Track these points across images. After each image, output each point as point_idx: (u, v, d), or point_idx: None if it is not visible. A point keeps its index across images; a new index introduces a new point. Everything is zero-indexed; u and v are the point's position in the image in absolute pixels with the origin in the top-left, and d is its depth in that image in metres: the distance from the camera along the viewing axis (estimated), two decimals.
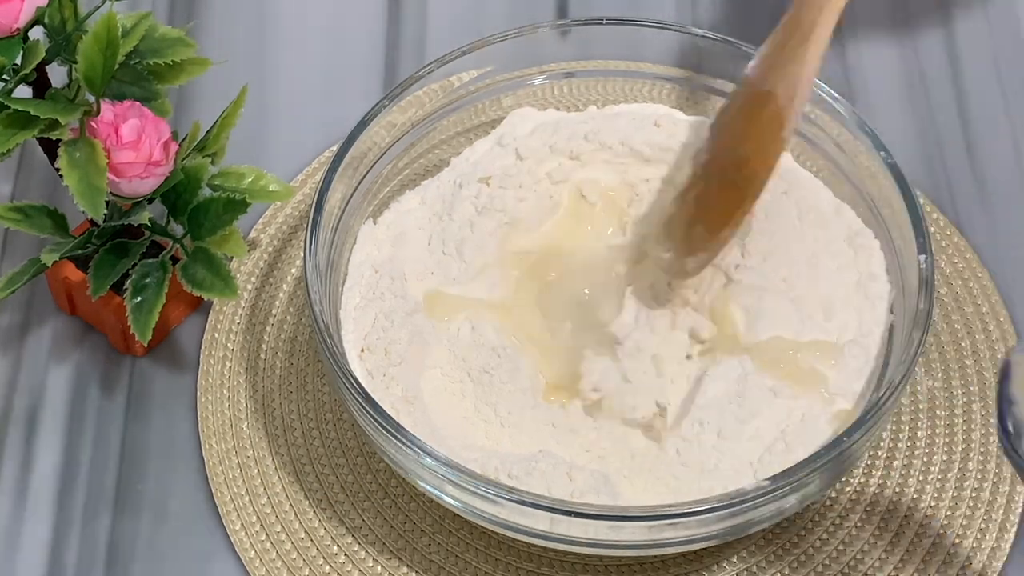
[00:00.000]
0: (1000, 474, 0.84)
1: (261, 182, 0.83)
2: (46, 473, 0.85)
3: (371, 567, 0.82)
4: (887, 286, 0.83)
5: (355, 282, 0.83)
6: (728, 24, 1.00)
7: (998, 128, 0.96)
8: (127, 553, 0.82)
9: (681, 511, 0.74)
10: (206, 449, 0.85)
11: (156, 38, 0.82)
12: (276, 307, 0.89)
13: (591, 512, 0.74)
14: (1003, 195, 0.94)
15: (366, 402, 0.76)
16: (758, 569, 0.82)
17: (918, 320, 0.77)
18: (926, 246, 0.79)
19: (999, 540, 0.83)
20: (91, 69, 0.77)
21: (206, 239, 0.81)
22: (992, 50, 0.99)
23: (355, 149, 0.83)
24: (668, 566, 0.82)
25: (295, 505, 0.83)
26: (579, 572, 0.82)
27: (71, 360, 0.88)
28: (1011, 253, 0.91)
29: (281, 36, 1.00)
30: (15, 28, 0.78)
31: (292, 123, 0.96)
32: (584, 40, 0.87)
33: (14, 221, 0.82)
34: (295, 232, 0.92)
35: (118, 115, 0.78)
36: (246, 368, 0.87)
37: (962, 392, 0.87)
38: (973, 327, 0.89)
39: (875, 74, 0.98)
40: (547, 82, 0.88)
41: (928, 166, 0.94)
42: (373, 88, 0.98)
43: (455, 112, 0.87)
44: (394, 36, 1.00)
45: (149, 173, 0.79)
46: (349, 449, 0.85)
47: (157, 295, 0.81)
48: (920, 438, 0.85)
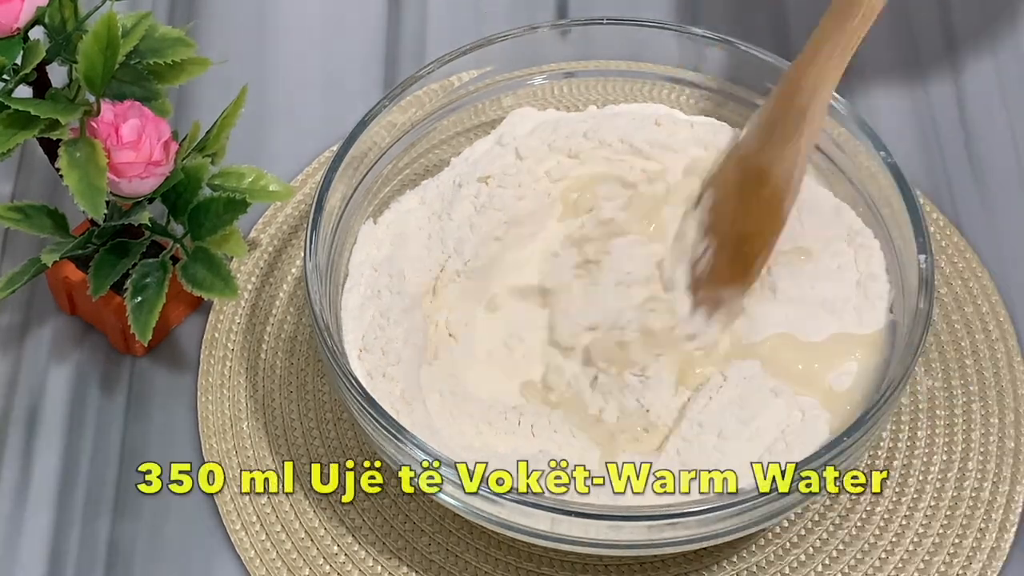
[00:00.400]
0: (1000, 474, 0.84)
1: (261, 182, 0.83)
2: (46, 473, 0.85)
3: (371, 567, 0.82)
4: (887, 286, 0.83)
5: (355, 282, 0.83)
6: (728, 24, 1.00)
7: (998, 128, 0.96)
8: (127, 553, 0.82)
9: (681, 511, 0.74)
10: (206, 449, 0.85)
11: (156, 38, 0.82)
12: (276, 307, 0.89)
13: (591, 512, 0.74)
14: (1003, 195, 0.94)
15: (366, 402, 0.76)
16: (758, 569, 0.82)
17: (918, 320, 0.77)
18: (926, 246, 0.79)
19: (999, 540, 0.83)
20: (91, 69, 0.77)
21: (206, 239, 0.81)
22: (992, 50, 0.99)
23: (355, 149, 0.83)
24: (668, 566, 0.82)
25: (295, 505, 0.83)
26: (579, 572, 0.82)
27: (71, 360, 0.88)
28: (1011, 253, 0.91)
29: (281, 36, 1.00)
30: (15, 28, 0.77)
31: (292, 123, 0.96)
32: (584, 40, 0.87)
33: (14, 221, 0.82)
34: (295, 232, 0.92)
35: (118, 115, 0.78)
36: (246, 368, 0.87)
37: (962, 392, 0.87)
38: (973, 327, 0.89)
39: (875, 74, 0.98)
40: (547, 82, 0.88)
41: (928, 166, 0.94)
42: (373, 88, 0.98)
43: (455, 112, 0.87)
44: (394, 36, 1.00)
45: (149, 173, 0.79)
46: (349, 449, 0.85)
47: (157, 295, 0.81)
48: (920, 438, 0.85)
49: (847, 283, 0.83)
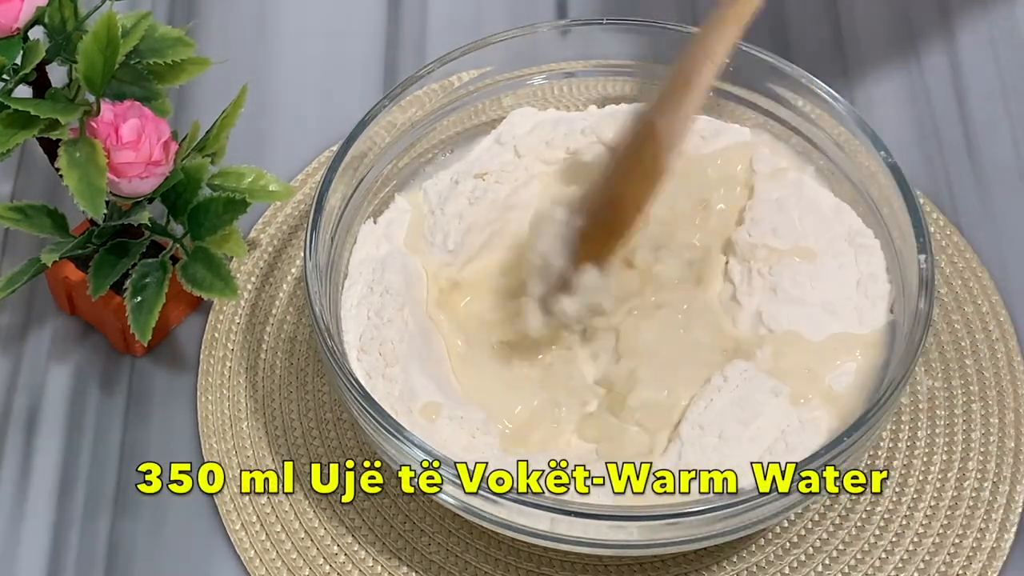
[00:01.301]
0: (1000, 474, 0.84)
1: (261, 182, 0.83)
2: (46, 473, 0.85)
3: (371, 567, 0.82)
4: (887, 286, 0.83)
5: (355, 281, 0.83)
6: None
7: (998, 128, 0.96)
8: (127, 553, 0.82)
9: (681, 511, 0.74)
10: (206, 449, 0.85)
11: (156, 38, 0.82)
12: (276, 307, 0.89)
13: (591, 512, 0.74)
14: (1003, 195, 0.94)
15: (365, 401, 0.76)
16: (758, 569, 0.82)
17: (918, 320, 0.77)
18: (926, 246, 0.79)
19: (999, 540, 0.83)
20: (91, 69, 0.77)
21: (206, 239, 0.81)
22: (992, 50, 0.99)
23: (355, 149, 0.83)
24: (668, 566, 0.82)
25: (295, 505, 0.83)
26: (579, 572, 0.82)
27: (71, 360, 0.88)
28: (1011, 253, 0.91)
29: (281, 36, 1.00)
30: (15, 28, 0.78)
31: (292, 123, 0.96)
32: (584, 40, 0.87)
33: (14, 221, 0.82)
34: (295, 232, 0.92)
35: (118, 115, 0.78)
36: (246, 368, 0.87)
37: (962, 392, 0.87)
38: (973, 327, 0.89)
39: (875, 74, 0.98)
40: (547, 82, 0.88)
41: (928, 166, 0.94)
42: (373, 88, 0.98)
43: (455, 112, 0.87)
44: (394, 36, 1.00)
45: (149, 173, 0.79)
46: (349, 449, 0.85)
47: (157, 295, 0.81)
48: (920, 438, 0.85)
49: (847, 283, 0.83)
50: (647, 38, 0.87)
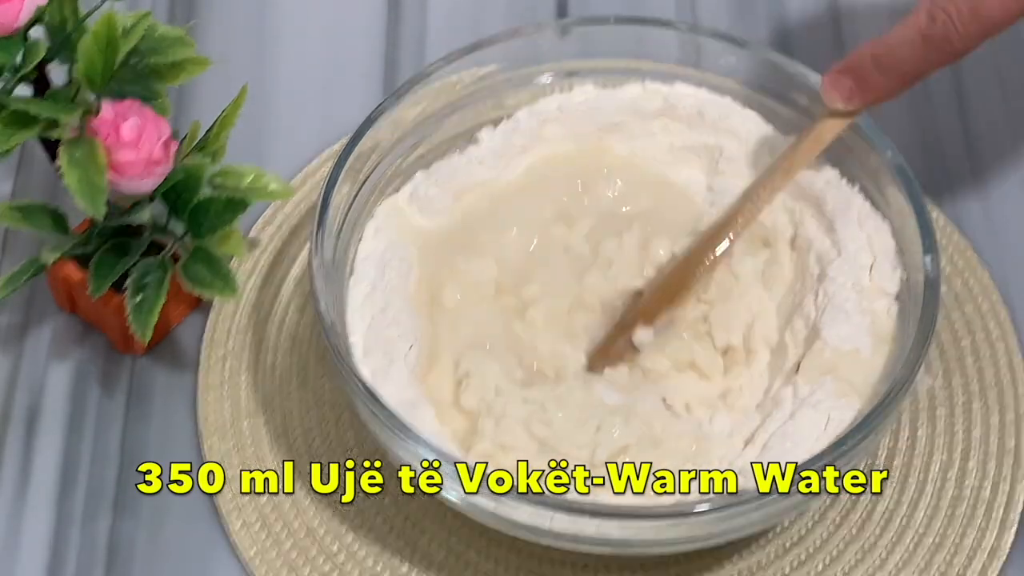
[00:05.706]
0: (1000, 473, 0.84)
1: (261, 181, 0.83)
2: (46, 473, 0.85)
3: (371, 566, 0.82)
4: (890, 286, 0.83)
5: (359, 279, 0.83)
6: (728, 22, 1.00)
7: (998, 128, 0.96)
8: (127, 553, 0.82)
9: (681, 511, 0.74)
10: (206, 449, 0.85)
11: (156, 37, 0.82)
12: (277, 306, 0.89)
13: (592, 511, 0.74)
14: (1003, 195, 0.94)
15: (370, 399, 0.75)
16: (758, 568, 0.82)
17: (923, 321, 0.77)
18: (932, 246, 0.79)
19: (999, 540, 0.83)
20: (91, 68, 0.77)
21: (206, 238, 0.81)
22: (993, 50, 0.99)
23: (361, 146, 0.83)
24: (668, 566, 0.82)
25: (295, 505, 0.83)
26: (579, 571, 0.82)
27: (71, 359, 0.88)
28: (1011, 253, 0.91)
29: (281, 36, 1.00)
30: (15, 27, 0.78)
31: (292, 123, 0.96)
32: (585, 39, 0.87)
33: (14, 220, 0.82)
34: (295, 231, 0.92)
35: (118, 114, 0.78)
36: (247, 367, 0.87)
37: (962, 391, 0.87)
38: (973, 326, 0.89)
39: None
40: (549, 81, 0.88)
41: (928, 166, 0.94)
42: (373, 88, 0.98)
43: (459, 110, 0.87)
44: (394, 36, 1.00)
45: (149, 172, 0.79)
46: (349, 448, 0.85)
47: (157, 294, 0.81)
48: (920, 438, 0.85)
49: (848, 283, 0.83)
50: (648, 37, 0.87)
